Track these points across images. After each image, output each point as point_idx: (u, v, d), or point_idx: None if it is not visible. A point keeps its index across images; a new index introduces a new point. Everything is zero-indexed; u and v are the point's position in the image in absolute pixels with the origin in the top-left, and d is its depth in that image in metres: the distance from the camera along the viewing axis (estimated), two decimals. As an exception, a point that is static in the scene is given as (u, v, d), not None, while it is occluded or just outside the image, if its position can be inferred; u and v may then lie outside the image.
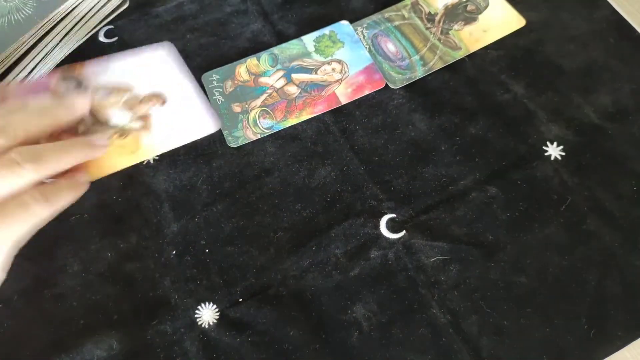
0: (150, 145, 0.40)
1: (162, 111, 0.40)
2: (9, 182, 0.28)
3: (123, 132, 0.39)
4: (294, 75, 0.49)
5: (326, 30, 0.51)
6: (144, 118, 0.40)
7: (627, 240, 0.41)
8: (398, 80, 0.49)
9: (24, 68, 0.46)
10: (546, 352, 0.38)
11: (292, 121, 0.47)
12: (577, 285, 0.40)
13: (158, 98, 0.40)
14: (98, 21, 0.50)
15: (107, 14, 0.51)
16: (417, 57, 0.50)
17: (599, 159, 0.45)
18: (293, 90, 0.48)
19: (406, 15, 0.52)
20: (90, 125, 0.38)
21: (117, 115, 0.39)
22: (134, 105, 0.39)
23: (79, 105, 0.35)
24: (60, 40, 0.47)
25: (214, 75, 0.49)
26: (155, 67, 0.41)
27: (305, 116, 0.47)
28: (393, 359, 0.38)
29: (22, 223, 0.29)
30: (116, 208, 0.43)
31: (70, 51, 0.49)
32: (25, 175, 0.29)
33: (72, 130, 0.37)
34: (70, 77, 0.39)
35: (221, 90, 0.48)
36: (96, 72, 0.40)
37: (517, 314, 0.39)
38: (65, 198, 0.32)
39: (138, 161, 0.40)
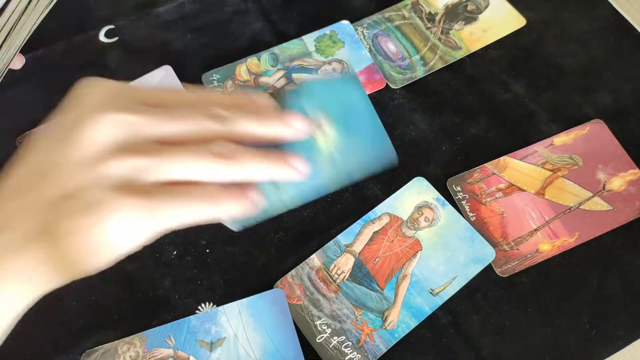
0: None
1: None
2: (204, 168, 0.23)
3: None
4: (295, 75, 0.49)
5: (327, 30, 0.51)
6: None
7: (627, 240, 0.41)
8: (398, 80, 0.49)
9: None
10: (547, 352, 0.38)
11: (293, 121, 0.47)
12: (578, 285, 0.40)
13: None
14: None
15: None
16: (417, 57, 0.50)
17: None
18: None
19: (406, 15, 0.52)
20: None
21: None
22: None
23: (300, 127, 0.28)
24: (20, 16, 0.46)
25: (214, 75, 0.49)
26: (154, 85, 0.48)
27: (306, 116, 0.47)
28: (394, 359, 0.38)
29: (190, 212, 0.24)
30: (116, 208, 0.43)
31: (35, 25, 0.48)
32: (220, 169, 0.24)
33: None
34: None
35: (221, 90, 0.48)
36: None
37: (518, 313, 0.39)
38: (231, 208, 0.25)
39: None
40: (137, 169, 0.22)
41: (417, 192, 0.43)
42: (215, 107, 0.24)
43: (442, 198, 0.42)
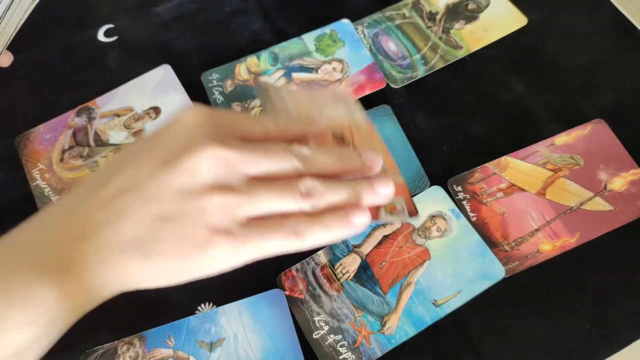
0: None
1: (156, 122, 0.47)
2: (289, 205, 0.26)
3: (119, 150, 0.45)
4: (295, 75, 0.49)
5: (327, 29, 0.51)
6: (138, 133, 0.46)
7: (628, 240, 0.41)
8: (399, 80, 0.48)
9: None
10: (548, 352, 0.38)
11: (293, 120, 0.47)
12: (579, 285, 0.40)
13: (153, 113, 0.46)
14: None
15: None
16: (418, 56, 0.50)
17: (600, 159, 0.44)
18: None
19: (407, 14, 0.52)
20: (94, 147, 0.45)
21: (116, 136, 0.46)
22: (131, 123, 0.45)
23: (374, 165, 0.28)
24: None
25: (213, 75, 0.49)
26: (153, 85, 0.48)
27: (306, 115, 0.47)
28: (393, 358, 0.38)
29: (275, 245, 0.26)
30: (116, 208, 0.43)
31: (20, 23, 0.49)
32: (304, 207, 0.26)
33: None
34: (83, 110, 0.46)
35: (221, 89, 0.48)
36: (105, 102, 0.47)
37: (519, 313, 0.39)
38: (321, 236, 0.26)
39: None
40: (230, 206, 0.25)
41: (433, 200, 0.42)
42: (298, 147, 0.27)
43: (457, 210, 0.42)
